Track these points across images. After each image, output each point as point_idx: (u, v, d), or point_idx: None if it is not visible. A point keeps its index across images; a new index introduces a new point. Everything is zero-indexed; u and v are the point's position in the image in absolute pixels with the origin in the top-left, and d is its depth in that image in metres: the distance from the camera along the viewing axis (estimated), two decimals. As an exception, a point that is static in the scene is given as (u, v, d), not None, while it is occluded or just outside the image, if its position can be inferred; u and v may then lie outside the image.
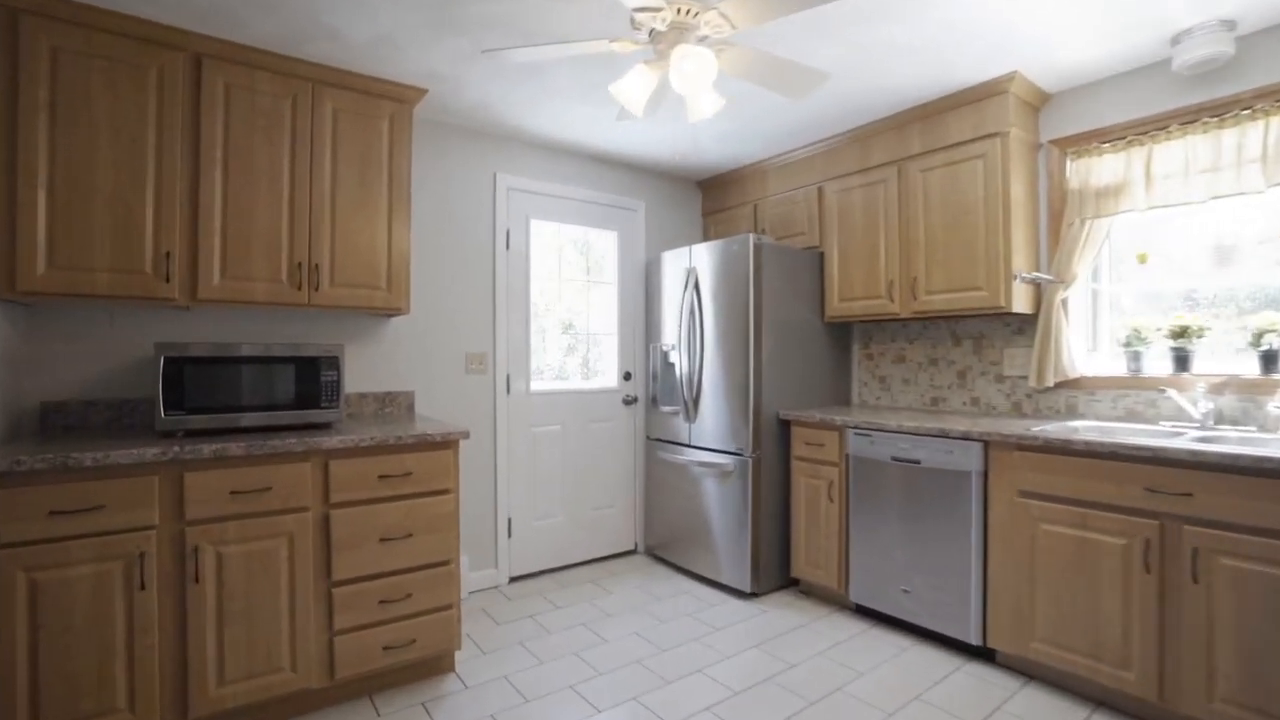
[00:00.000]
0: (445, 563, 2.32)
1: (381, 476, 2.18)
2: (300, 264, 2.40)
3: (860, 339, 3.54)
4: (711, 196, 4.08)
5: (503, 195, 3.31)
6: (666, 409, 3.58)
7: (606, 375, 3.79)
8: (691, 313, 3.34)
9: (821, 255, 3.38)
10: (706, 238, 4.09)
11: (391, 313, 2.68)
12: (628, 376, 3.79)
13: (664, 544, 3.63)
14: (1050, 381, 2.71)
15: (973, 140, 2.72)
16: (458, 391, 3.18)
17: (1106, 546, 2.07)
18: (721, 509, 3.22)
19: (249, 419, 2.19)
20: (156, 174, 2.14)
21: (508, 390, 3.33)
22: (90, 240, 2.04)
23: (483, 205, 3.27)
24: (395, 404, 2.96)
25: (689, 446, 3.43)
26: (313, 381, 2.30)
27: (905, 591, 2.63)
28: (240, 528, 1.96)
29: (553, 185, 3.49)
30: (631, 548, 3.83)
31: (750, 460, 3.07)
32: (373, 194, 2.57)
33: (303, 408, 2.28)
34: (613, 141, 3.40)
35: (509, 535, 3.34)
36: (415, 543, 2.25)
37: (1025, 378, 2.86)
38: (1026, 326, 2.86)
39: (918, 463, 2.58)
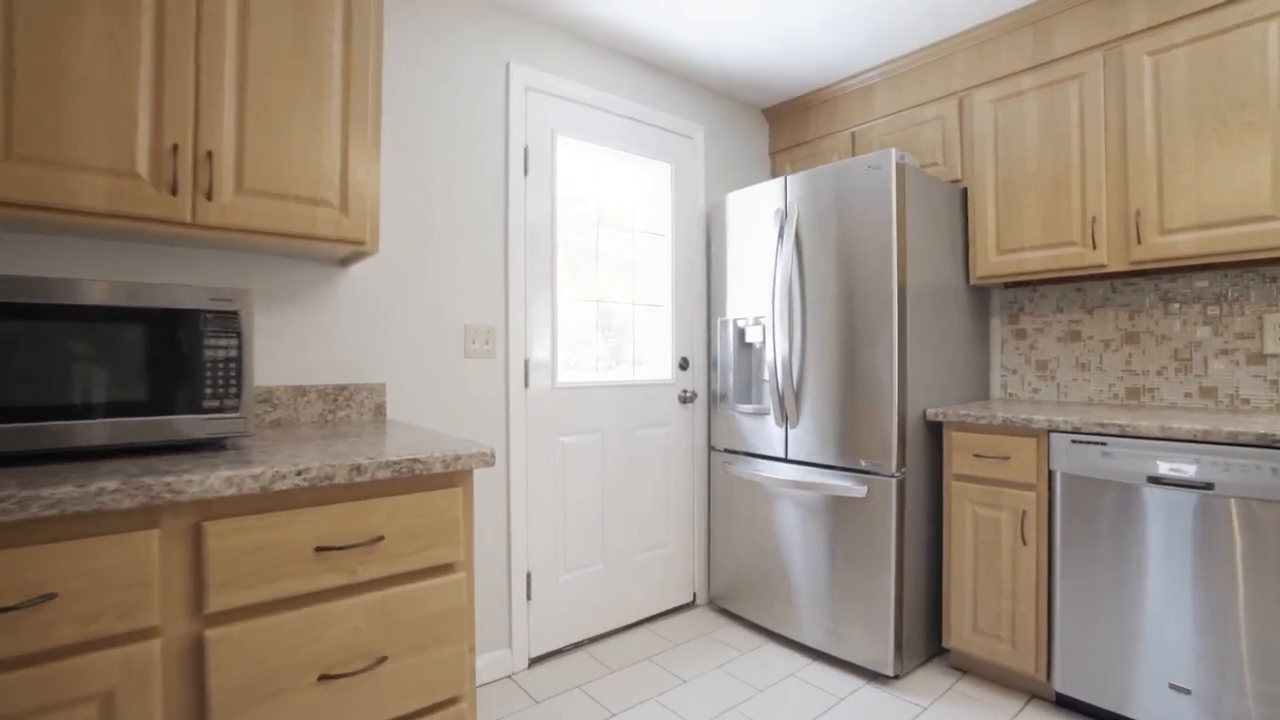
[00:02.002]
0: (452, 702, 1.25)
1: (321, 549, 1.11)
2: (176, 147, 1.31)
3: (1005, 309, 2.61)
4: (784, 128, 3.11)
5: (519, 96, 2.26)
6: (744, 409, 2.57)
7: (656, 362, 2.76)
8: (789, 273, 2.34)
9: (964, 193, 2.44)
10: (774, 184, 3.12)
11: (350, 252, 1.60)
12: (684, 364, 2.78)
13: (735, 594, 2.62)
14: (1365, 360, 1.82)
15: (1250, -1, 1.81)
16: (453, 383, 2.11)
17: None
18: (841, 552, 2.23)
19: (49, 433, 1.09)
20: None
21: (526, 382, 2.27)
22: None
23: (491, 108, 2.21)
24: (354, 403, 1.88)
25: (784, 462, 2.43)
26: (183, 361, 1.21)
27: (1179, 689, 1.68)
28: None
29: (588, 90, 2.45)
30: (689, 599, 2.80)
31: (895, 482, 2.09)
32: (316, 53, 1.49)
33: (161, 410, 1.18)
34: (670, 35, 2.39)
35: (528, 598, 2.28)
36: (391, 675, 1.18)
37: (1304, 356, 1.97)
38: (1304, 282, 1.97)
39: (1208, 488, 1.64)
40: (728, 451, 2.68)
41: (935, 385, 2.28)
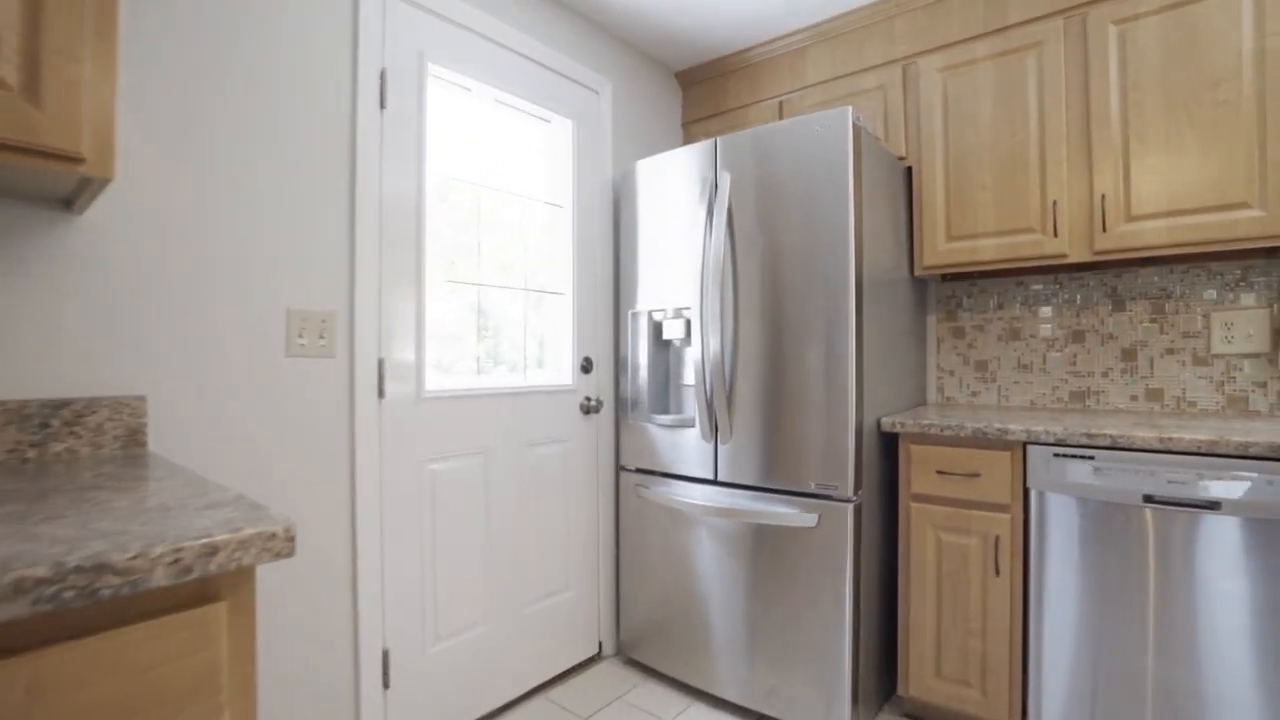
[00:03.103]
0: None
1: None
2: None
3: (942, 304, 2.38)
4: (700, 95, 2.71)
5: (374, 2, 1.65)
6: (662, 420, 2.12)
7: (554, 363, 2.24)
8: (720, 256, 1.93)
9: (909, 172, 2.16)
10: (687, 159, 2.70)
11: (72, 179, 0.93)
12: (587, 366, 2.27)
13: (650, 643, 2.16)
14: (1320, 361, 1.73)
15: (1224, -35, 1.65)
16: (266, 394, 1.46)
17: None
18: (785, 593, 1.84)
19: None
20: None
21: (380, 390, 1.66)
22: None
23: (333, 17, 1.58)
24: (85, 429, 1.18)
25: (712, 484, 2.01)
26: None
27: (1181, 739, 1.46)
28: None
29: (471, 9, 1.88)
30: (595, 652, 2.30)
31: (852, 508, 1.74)
32: None
33: None
34: (581, -58, 1.90)
35: (384, 685, 1.66)
36: None
37: (1255, 357, 1.86)
38: (1254, 278, 1.87)
39: (1214, 507, 1.42)
40: (640, 472, 2.21)
41: (885, 390, 1.97)
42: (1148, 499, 1.49)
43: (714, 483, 1.99)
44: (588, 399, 2.25)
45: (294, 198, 1.51)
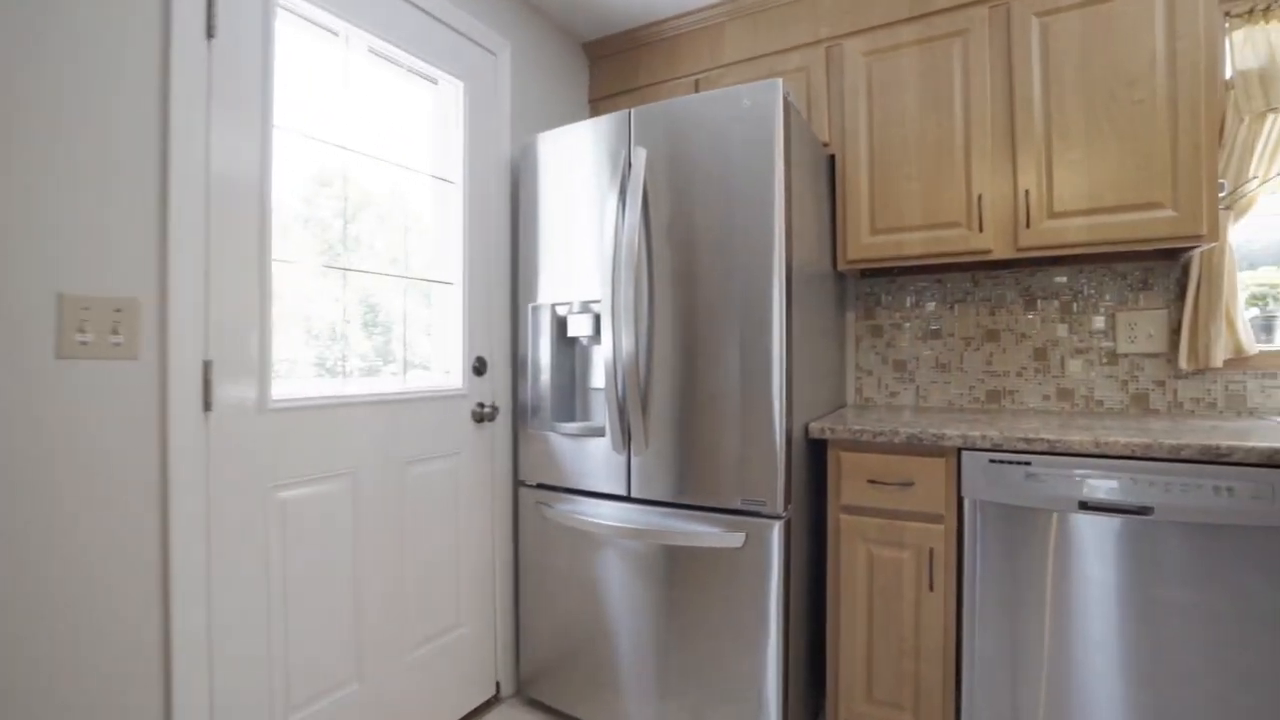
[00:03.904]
0: None
1: None
2: None
3: (860, 301, 2.29)
4: (609, 70, 2.46)
5: (192, -110, 1.27)
6: (567, 429, 1.86)
7: (441, 364, 1.92)
8: (635, 243, 1.70)
9: (832, 160, 2.04)
10: (595, 139, 2.45)
11: None
12: (480, 367, 1.97)
13: (555, 680, 1.90)
14: (1219, 360, 1.76)
15: (1141, -39, 1.64)
16: (23, 413, 1.06)
17: None
18: (706, 621, 1.65)
19: None
20: None
21: (206, 402, 1.29)
22: None
23: (125, -107, 1.19)
24: None
25: (625, 501, 1.78)
26: None
27: (1115, 754, 1.40)
28: None
29: (328, -70, 1.53)
30: (493, 693, 2.00)
31: (781, 525, 1.57)
32: None
33: None
34: None
35: (213, 779, 1.29)
36: None
37: (1155, 356, 1.89)
38: (1154, 280, 1.90)
39: (1147, 512, 1.37)
40: (543, 488, 1.94)
41: (812, 393, 1.83)
42: (1083, 505, 1.42)
43: (626, 499, 1.76)
44: (481, 405, 1.95)
45: (76, 145, 1.11)
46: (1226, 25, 1.76)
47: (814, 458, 1.80)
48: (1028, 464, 1.47)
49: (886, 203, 1.91)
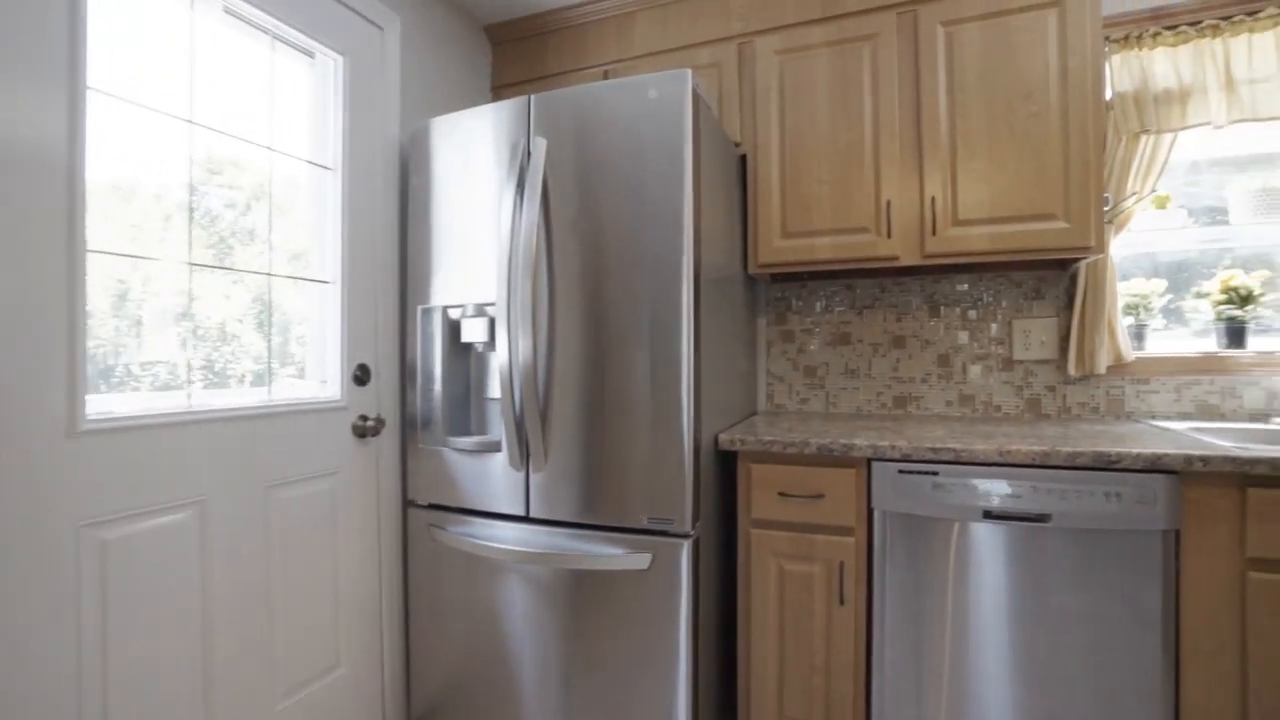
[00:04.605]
0: None
1: None
2: None
3: (772, 306, 2.25)
4: (514, 56, 2.30)
5: None
6: (462, 443, 1.70)
7: (316, 372, 1.70)
8: (533, 241, 1.56)
9: (744, 160, 1.98)
10: (499, 129, 2.28)
11: None
12: (363, 376, 1.77)
13: (451, 714, 1.73)
14: (1102, 367, 1.84)
15: (1036, -24, 1.67)
16: None
17: None
18: (611, 648, 1.53)
19: None
20: None
21: (-9, 424, 1.04)
22: None
23: None
24: None
25: (524, 521, 1.63)
26: None
27: (1016, 763, 1.41)
28: None
29: None
30: (374, 743, 1.80)
31: (689, 544, 1.48)
32: None
33: None
34: None
35: None
36: None
37: (1047, 363, 1.95)
38: (1046, 289, 1.96)
39: (1045, 519, 1.38)
40: (435, 508, 1.76)
41: (722, 402, 1.76)
42: (987, 514, 1.42)
43: (526, 520, 1.62)
44: (364, 418, 1.75)
45: None
46: (1107, 49, 1.83)
47: (724, 470, 1.73)
48: (935, 474, 1.45)
49: (798, 206, 1.87)
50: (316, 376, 1.71)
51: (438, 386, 1.74)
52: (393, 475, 1.85)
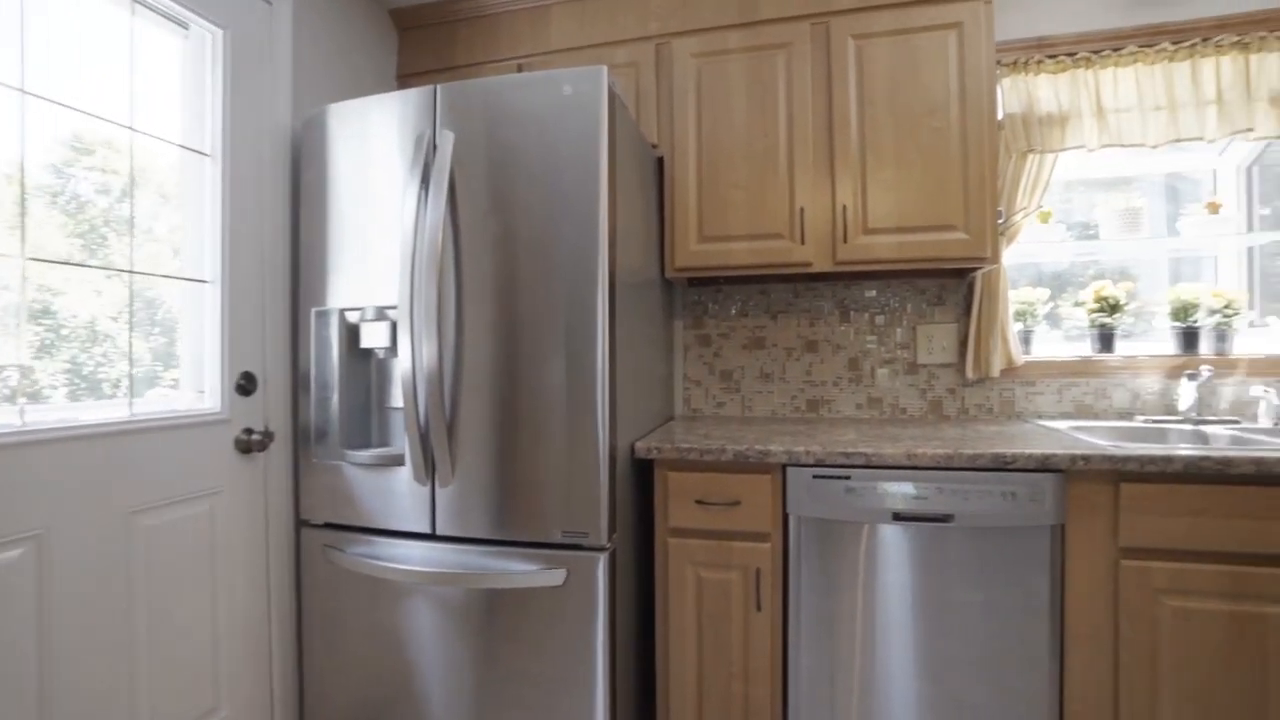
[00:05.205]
0: None
1: None
2: None
3: (689, 310, 2.24)
4: (422, 43, 2.17)
5: None
6: (361, 457, 1.57)
7: (191, 382, 1.52)
8: (438, 241, 1.46)
9: (661, 162, 1.95)
10: (405, 120, 2.14)
11: None
12: (248, 386, 1.60)
13: (355, 760, 1.60)
14: (996, 370, 1.95)
15: (939, 0, 1.74)
16: None
17: (1275, 622, 1.31)
18: (524, 671, 1.46)
19: None
20: None
21: None
22: None
23: None
24: None
25: (430, 539, 1.53)
26: None
27: (922, 756, 1.45)
28: None
29: None
30: (261, 789, 1.64)
31: (606, 557, 1.43)
32: None
33: None
34: None
35: None
36: None
37: (948, 366, 2.05)
38: (947, 296, 2.06)
39: (947, 520, 1.43)
40: (332, 528, 1.63)
41: (638, 408, 1.73)
42: (896, 516, 1.46)
43: (432, 538, 1.52)
44: (249, 431, 1.59)
45: None
46: (999, 72, 1.94)
47: (641, 478, 1.70)
48: (847, 478, 1.48)
49: (714, 210, 1.86)
50: (193, 386, 1.53)
51: (334, 396, 1.61)
52: (284, 493, 1.69)
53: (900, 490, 1.45)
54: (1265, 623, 1.31)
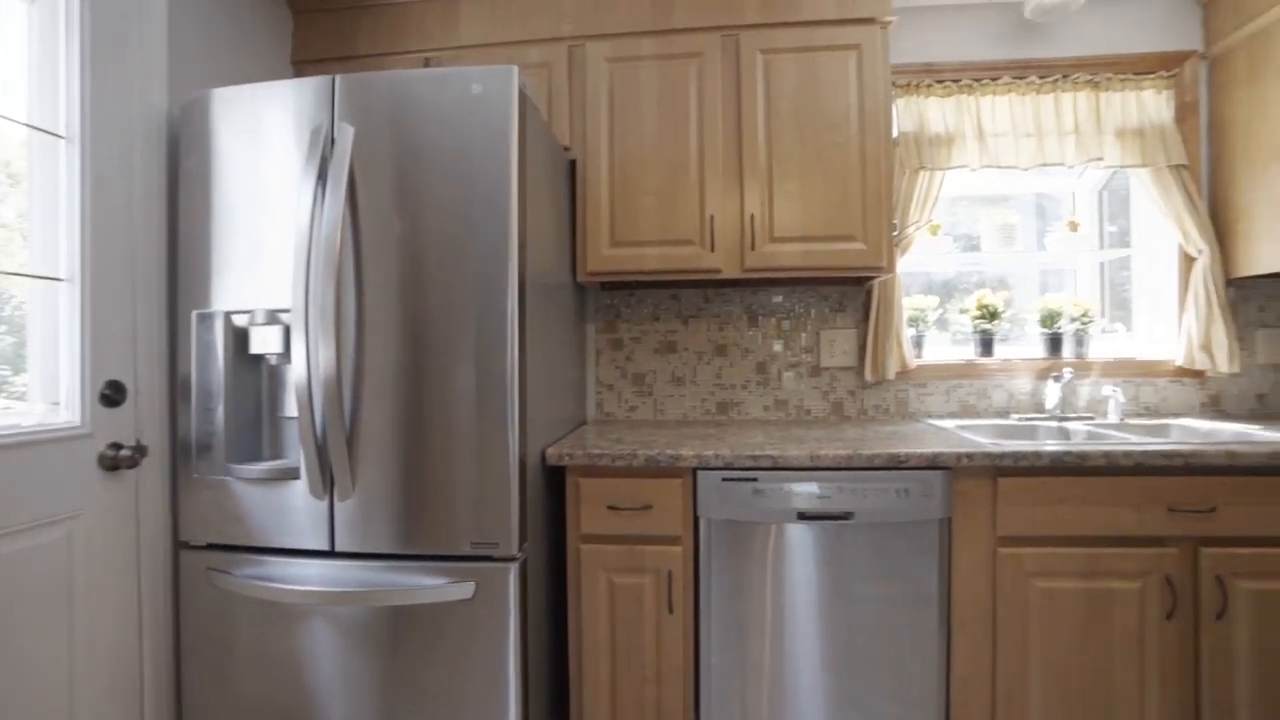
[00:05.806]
0: None
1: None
2: None
3: (601, 314, 2.24)
4: (321, 29, 2.04)
5: None
6: (251, 471, 1.46)
7: (45, 394, 1.35)
8: (336, 238, 1.38)
9: (573, 165, 1.94)
10: (300, 109, 2.01)
11: None
12: (115, 396, 1.44)
13: (243, 798, 1.48)
14: (892, 373, 2.07)
15: (839, 22, 1.83)
16: None
17: (1120, 595, 1.47)
18: (433, 687, 1.41)
19: None
20: None
21: None
22: None
23: None
24: None
25: (329, 557, 1.44)
26: None
27: (825, 743, 1.52)
28: None
29: None
30: (131, 841, 1.48)
31: (516, 568, 1.40)
32: None
33: None
34: None
35: None
36: None
37: (849, 369, 2.16)
38: (848, 302, 2.17)
39: (848, 517, 1.51)
40: (216, 549, 1.50)
41: (549, 413, 1.71)
42: (801, 516, 1.52)
43: (331, 555, 1.43)
44: (116, 446, 1.43)
45: None
46: (894, 93, 2.07)
47: (553, 485, 1.68)
48: (755, 480, 1.53)
49: (627, 215, 1.87)
50: (46, 397, 1.36)
51: (219, 405, 1.48)
52: (159, 514, 1.54)
53: (805, 490, 1.51)
54: (1112, 596, 1.47)
